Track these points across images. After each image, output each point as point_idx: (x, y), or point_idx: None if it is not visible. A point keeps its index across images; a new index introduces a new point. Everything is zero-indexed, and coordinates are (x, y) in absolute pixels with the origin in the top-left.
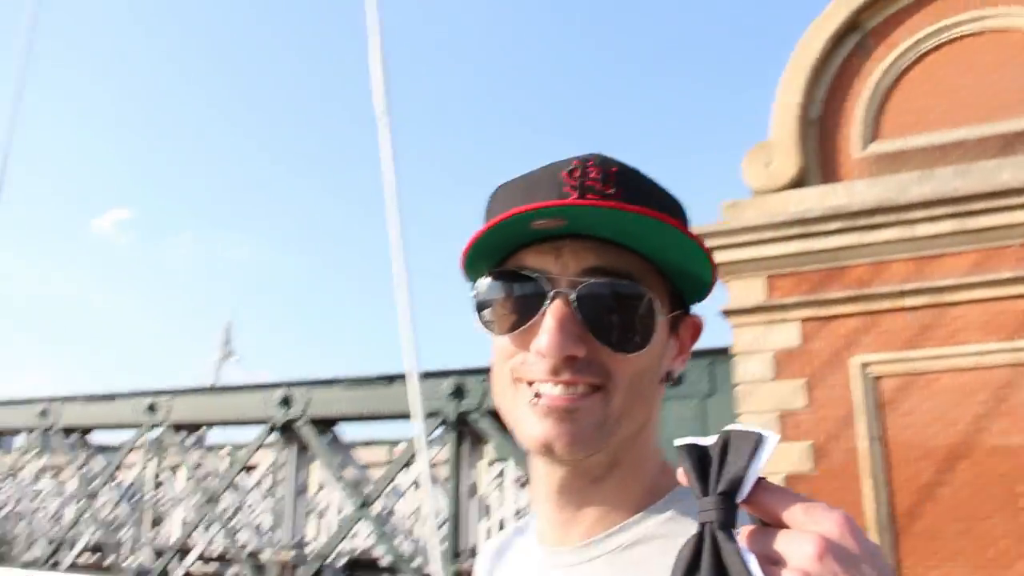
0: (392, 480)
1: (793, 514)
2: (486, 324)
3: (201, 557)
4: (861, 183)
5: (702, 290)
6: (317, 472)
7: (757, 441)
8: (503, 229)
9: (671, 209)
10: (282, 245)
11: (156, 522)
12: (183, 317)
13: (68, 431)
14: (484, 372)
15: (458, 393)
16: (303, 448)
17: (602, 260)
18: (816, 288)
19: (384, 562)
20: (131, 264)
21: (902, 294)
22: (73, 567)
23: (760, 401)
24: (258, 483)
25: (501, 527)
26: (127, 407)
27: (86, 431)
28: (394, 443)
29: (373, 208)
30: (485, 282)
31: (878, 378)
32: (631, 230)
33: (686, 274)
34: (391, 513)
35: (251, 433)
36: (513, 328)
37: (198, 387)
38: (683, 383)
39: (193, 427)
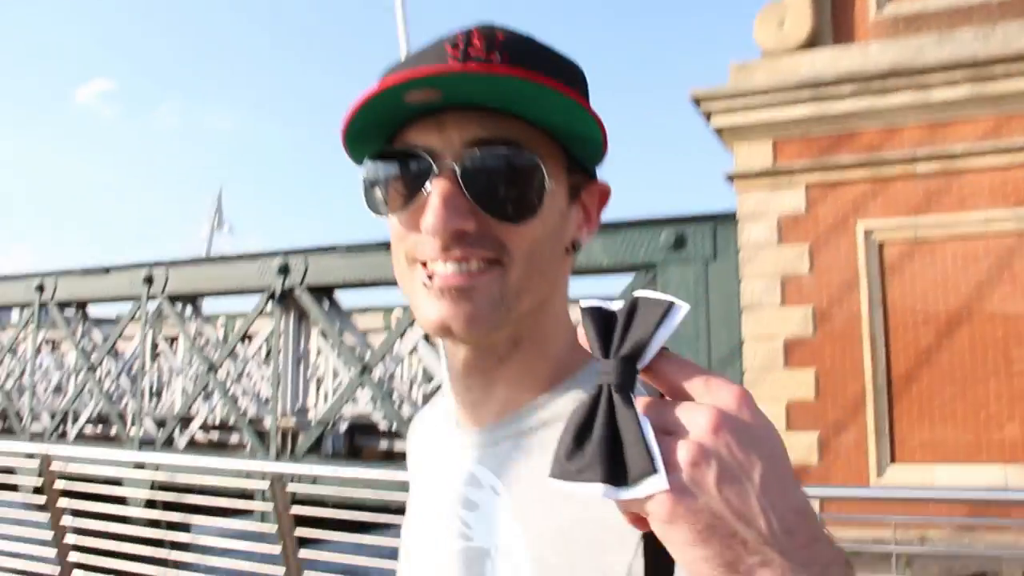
0: (392, 346)
1: (692, 386)
2: (374, 206)
3: (203, 426)
4: (876, 45)
5: (596, 154)
6: (316, 339)
7: (667, 309)
8: (379, 104)
9: (560, 72)
10: (268, 115)
11: (156, 393)
12: (172, 189)
13: (65, 305)
14: None
15: None
16: (302, 316)
17: (486, 130)
18: (824, 153)
19: (384, 426)
20: (117, 136)
21: (913, 160)
22: (80, 437)
23: (763, 266)
24: (258, 351)
25: None
26: (124, 279)
27: (83, 304)
28: (389, 310)
29: (363, 77)
30: (369, 164)
31: (883, 244)
32: (512, 96)
33: (577, 137)
34: (391, 378)
35: (249, 303)
36: (400, 208)
37: (195, 257)
38: (685, 246)
39: (191, 298)
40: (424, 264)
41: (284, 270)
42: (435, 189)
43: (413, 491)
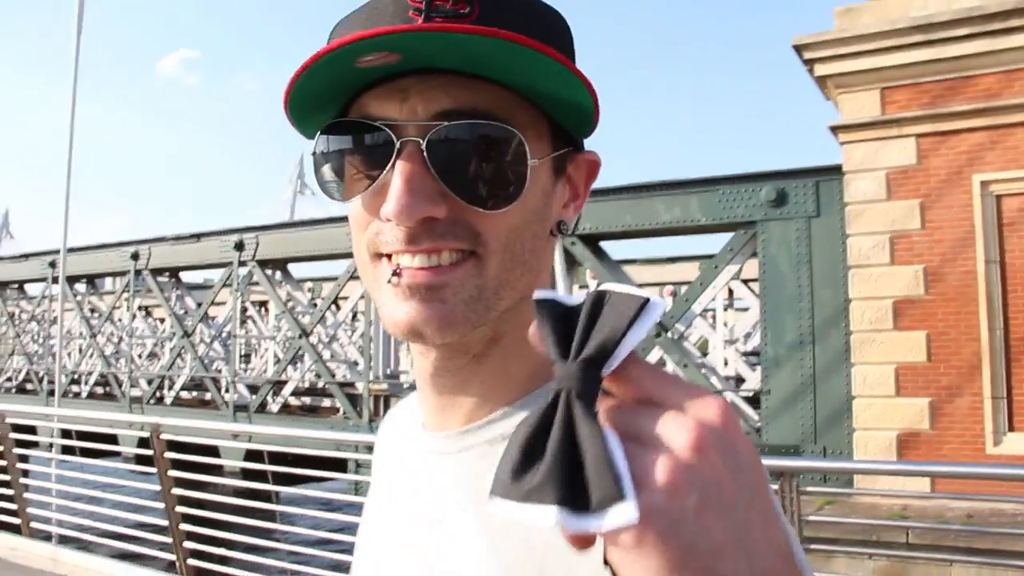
0: None
1: (667, 396)
2: (327, 189)
3: (295, 392)
4: None
5: (585, 122)
6: None
7: (641, 306)
8: (329, 68)
9: (540, 27)
10: None
11: (247, 358)
12: (255, 155)
13: (158, 272)
14: None
15: None
16: None
17: (456, 99)
18: (936, 101)
19: None
20: (200, 104)
21: None
22: (176, 403)
23: (871, 222)
24: (351, 315)
25: None
26: (215, 246)
27: (176, 272)
28: None
29: None
30: (321, 139)
31: (1001, 198)
32: (484, 58)
33: (562, 103)
34: None
35: (338, 267)
36: (357, 192)
37: (284, 222)
38: (787, 203)
39: (281, 263)
40: (389, 257)
41: None
42: (398, 169)
43: (372, 494)
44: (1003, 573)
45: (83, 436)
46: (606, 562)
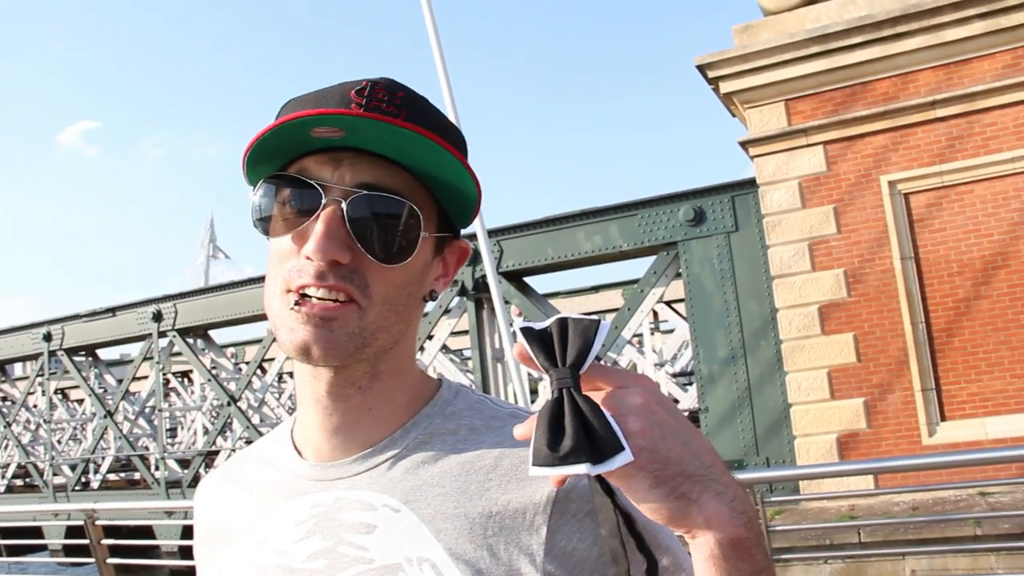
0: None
1: (619, 379)
2: (261, 226)
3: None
4: None
5: (468, 212)
6: None
7: (596, 326)
8: (286, 132)
9: (450, 129)
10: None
11: (173, 432)
12: (166, 221)
13: (74, 351)
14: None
15: (476, 258)
16: None
17: (376, 175)
18: (839, 108)
19: None
20: (102, 175)
21: (932, 105)
22: (104, 484)
23: (789, 231)
24: (277, 377)
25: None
26: (131, 319)
27: (93, 349)
28: None
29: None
30: (264, 186)
31: (909, 195)
32: (406, 148)
33: (454, 192)
34: None
35: (261, 329)
36: (285, 232)
37: (201, 288)
38: (705, 220)
39: (202, 329)
40: (297, 290)
41: None
42: (322, 219)
43: (218, 553)
44: (952, 559)
45: (5, 533)
46: (606, 491)
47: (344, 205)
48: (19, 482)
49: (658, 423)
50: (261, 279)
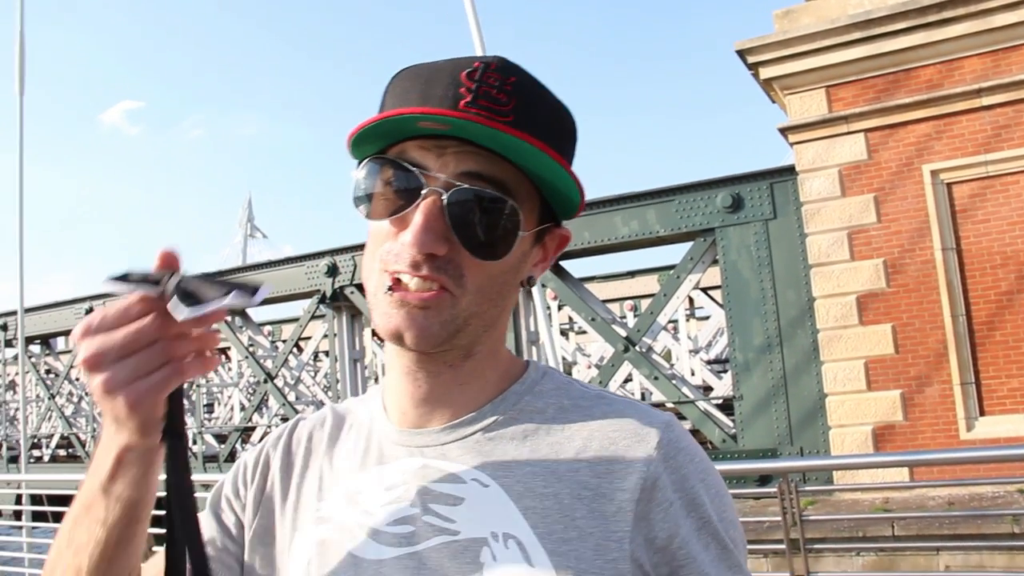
0: None
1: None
2: (360, 205)
3: (264, 437)
4: None
5: (570, 210)
6: (371, 338)
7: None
8: (391, 122)
9: (559, 128)
10: (291, 118)
11: (210, 408)
12: (205, 200)
13: None
14: None
15: None
16: (355, 315)
17: (480, 167)
18: (881, 95)
19: None
20: (143, 154)
21: (978, 93)
22: None
23: (828, 219)
24: (313, 356)
25: None
26: None
27: None
28: None
29: (379, 76)
30: (368, 166)
31: (951, 185)
32: (511, 148)
33: (558, 194)
34: None
35: (294, 308)
36: (384, 215)
37: (239, 267)
38: (743, 207)
39: (241, 307)
40: (392, 272)
41: (332, 270)
42: (422, 208)
43: (291, 490)
44: (988, 556)
45: (53, 501)
46: None
47: (445, 196)
48: (62, 452)
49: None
50: (299, 258)
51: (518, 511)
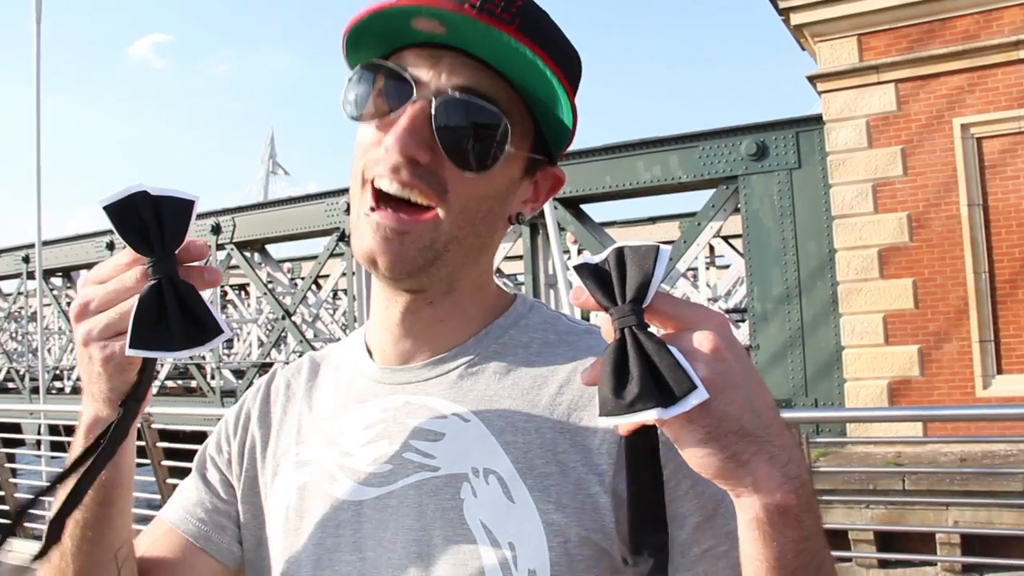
0: None
1: (687, 316)
2: (350, 109)
3: None
4: None
5: (562, 141)
6: None
7: (655, 253)
8: (386, 20)
9: (564, 50)
10: (318, 55)
11: (229, 343)
12: (228, 136)
13: None
14: None
15: None
16: None
17: (474, 79)
18: (914, 45)
19: None
20: (169, 87)
21: (1016, 45)
22: (162, 391)
23: (853, 171)
24: (332, 294)
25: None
26: (190, 231)
27: None
28: None
29: None
30: (360, 72)
31: (982, 139)
32: (508, 58)
33: (551, 117)
34: None
35: (313, 245)
36: (371, 119)
37: (259, 203)
38: (767, 156)
39: (259, 243)
40: (372, 184)
41: (351, 208)
42: (407, 113)
43: (271, 439)
44: (997, 513)
45: (71, 431)
46: (633, 444)
47: (433, 104)
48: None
49: (723, 373)
50: (319, 195)
51: (499, 446)
